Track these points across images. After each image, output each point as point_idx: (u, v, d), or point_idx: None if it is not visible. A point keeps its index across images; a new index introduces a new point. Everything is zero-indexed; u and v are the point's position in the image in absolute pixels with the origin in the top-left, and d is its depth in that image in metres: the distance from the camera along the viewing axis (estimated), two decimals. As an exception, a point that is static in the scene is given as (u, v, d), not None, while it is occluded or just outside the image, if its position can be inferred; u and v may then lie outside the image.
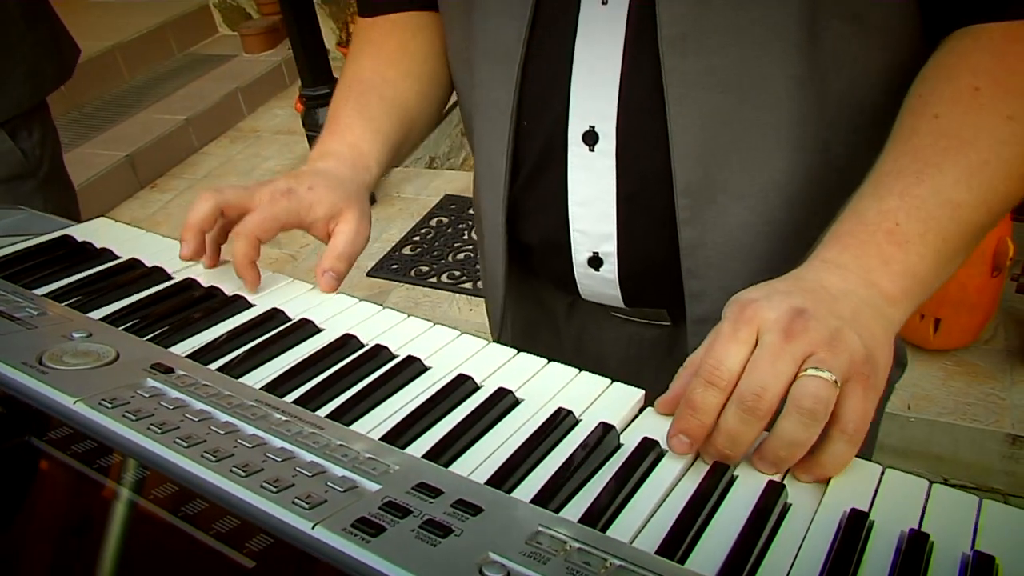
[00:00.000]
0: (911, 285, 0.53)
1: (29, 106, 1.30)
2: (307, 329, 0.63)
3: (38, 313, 0.60)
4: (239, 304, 0.66)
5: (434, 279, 2.53)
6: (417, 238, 2.76)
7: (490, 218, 0.76)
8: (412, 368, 0.57)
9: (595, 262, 0.71)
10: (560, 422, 0.52)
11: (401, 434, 0.51)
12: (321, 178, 0.72)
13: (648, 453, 0.49)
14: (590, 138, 0.66)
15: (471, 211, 2.88)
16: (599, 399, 0.54)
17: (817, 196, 0.65)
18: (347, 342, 0.61)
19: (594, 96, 0.65)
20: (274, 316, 0.64)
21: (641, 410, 0.54)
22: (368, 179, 0.76)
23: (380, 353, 0.59)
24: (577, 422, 0.52)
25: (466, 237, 2.74)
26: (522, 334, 0.84)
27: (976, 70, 0.57)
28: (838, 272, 0.53)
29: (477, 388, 0.56)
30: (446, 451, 0.49)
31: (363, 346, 0.61)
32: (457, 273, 2.54)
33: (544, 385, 0.56)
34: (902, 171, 0.56)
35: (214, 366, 0.57)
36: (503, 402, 0.54)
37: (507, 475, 0.47)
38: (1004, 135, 0.55)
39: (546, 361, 0.58)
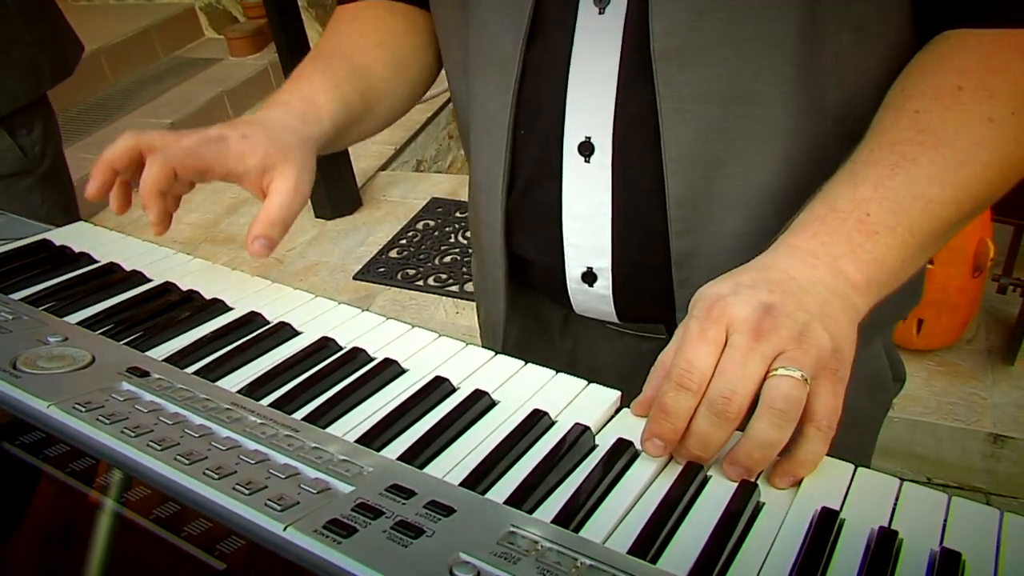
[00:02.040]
0: (876, 275, 0.53)
1: (27, 101, 1.30)
2: (285, 332, 0.63)
3: (13, 317, 0.60)
4: (217, 307, 0.66)
5: (421, 282, 2.53)
6: (404, 241, 2.76)
7: (489, 229, 0.75)
8: (390, 371, 0.58)
9: (589, 277, 0.71)
10: (536, 423, 0.52)
11: (377, 436, 0.51)
12: (259, 127, 0.67)
13: (622, 454, 0.49)
14: (586, 149, 0.66)
15: (458, 214, 2.89)
16: (575, 400, 0.55)
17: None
18: (325, 345, 0.61)
19: (590, 107, 0.64)
20: (252, 319, 0.64)
21: (617, 411, 0.55)
22: (317, 132, 0.71)
23: (358, 356, 0.59)
24: (553, 423, 0.53)
25: (453, 240, 2.74)
26: (516, 346, 0.82)
27: (961, 70, 0.57)
28: (807, 260, 0.52)
29: (454, 390, 0.56)
30: (421, 453, 0.49)
31: (341, 349, 0.61)
32: (444, 276, 2.54)
33: (521, 387, 0.56)
34: (878, 162, 0.55)
35: (191, 369, 0.57)
36: (479, 404, 0.54)
37: (482, 476, 0.47)
38: (982, 137, 0.55)
39: (523, 363, 0.59)
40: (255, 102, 4.08)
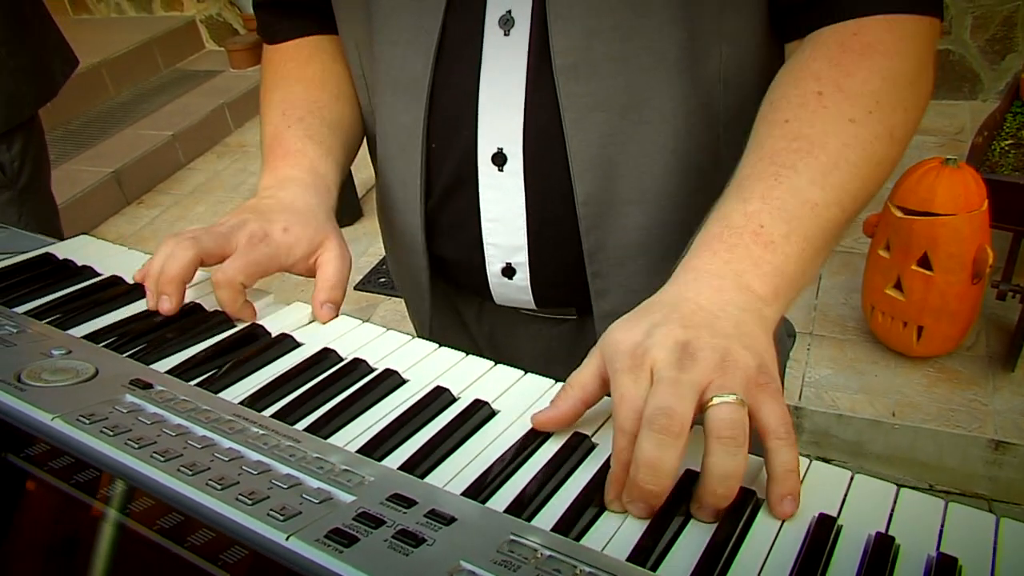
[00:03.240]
0: (781, 284, 0.55)
1: (5, 129, 1.32)
2: (286, 344, 0.63)
3: (17, 331, 0.61)
4: (220, 320, 0.67)
5: (421, 292, 2.53)
6: (404, 251, 2.77)
7: (408, 236, 0.80)
8: (390, 381, 0.58)
9: (508, 272, 0.76)
10: (536, 433, 0.52)
11: (378, 446, 0.51)
12: (292, 215, 0.71)
13: (621, 462, 0.49)
14: (499, 160, 0.71)
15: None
16: (574, 409, 0.55)
17: (705, 198, 0.67)
18: (326, 356, 0.61)
19: (501, 121, 0.70)
20: (254, 332, 0.65)
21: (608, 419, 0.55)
22: (332, 202, 0.77)
23: (358, 367, 0.60)
24: (552, 433, 0.53)
25: (453, 250, 2.75)
26: (438, 339, 0.85)
27: (817, 76, 0.62)
28: (712, 282, 0.54)
29: (454, 400, 0.56)
30: (422, 462, 0.50)
31: (341, 360, 0.61)
32: (444, 286, 2.55)
33: (521, 396, 0.57)
34: (761, 174, 0.59)
35: (194, 382, 0.58)
36: (479, 413, 0.54)
37: (483, 486, 0.48)
38: (848, 138, 0.59)
39: (523, 372, 0.59)
40: (255, 114, 4.10)
